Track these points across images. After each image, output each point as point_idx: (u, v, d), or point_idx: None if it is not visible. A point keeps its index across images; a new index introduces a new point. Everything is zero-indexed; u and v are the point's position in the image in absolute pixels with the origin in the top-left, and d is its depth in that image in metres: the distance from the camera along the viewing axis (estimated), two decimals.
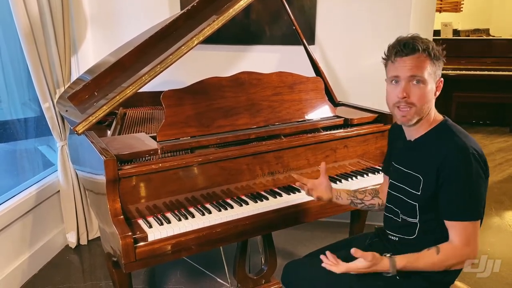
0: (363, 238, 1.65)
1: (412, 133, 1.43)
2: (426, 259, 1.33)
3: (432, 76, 1.33)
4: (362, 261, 1.30)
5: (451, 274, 1.40)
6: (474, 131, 5.59)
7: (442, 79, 1.38)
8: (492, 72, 5.29)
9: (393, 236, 1.50)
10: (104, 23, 2.95)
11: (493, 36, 5.98)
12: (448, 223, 1.32)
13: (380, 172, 2.07)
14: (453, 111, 5.46)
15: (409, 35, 1.36)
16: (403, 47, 1.31)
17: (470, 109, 5.77)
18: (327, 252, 1.39)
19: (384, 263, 1.32)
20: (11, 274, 2.37)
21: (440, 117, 1.41)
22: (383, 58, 1.41)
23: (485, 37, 5.87)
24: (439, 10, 6.15)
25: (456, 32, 6.00)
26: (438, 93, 1.38)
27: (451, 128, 1.37)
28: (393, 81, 1.36)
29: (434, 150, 1.34)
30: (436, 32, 5.67)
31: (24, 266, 2.48)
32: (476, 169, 1.28)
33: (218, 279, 2.46)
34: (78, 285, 2.47)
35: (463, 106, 5.60)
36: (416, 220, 1.40)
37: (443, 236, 1.33)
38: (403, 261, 1.32)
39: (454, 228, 1.31)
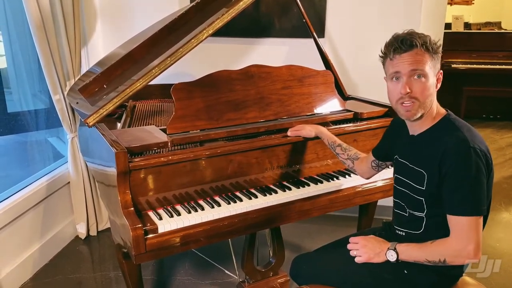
0: (371, 232, 1.65)
1: (415, 128, 1.43)
2: (423, 248, 1.35)
3: (432, 70, 1.34)
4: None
5: (459, 267, 1.40)
6: (484, 125, 5.54)
7: (441, 71, 1.38)
8: (504, 66, 5.23)
9: (400, 231, 1.50)
10: (114, 16, 2.96)
11: (505, 30, 5.89)
12: (448, 217, 1.31)
13: (390, 167, 2.06)
14: (463, 105, 5.42)
15: (405, 31, 1.35)
16: (401, 44, 1.31)
17: (480, 103, 5.71)
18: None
19: (385, 242, 1.43)
20: (22, 264, 2.41)
21: (442, 111, 1.41)
22: (380, 56, 1.40)
23: (496, 31, 5.79)
24: (450, 3, 6.07)
25: (467, 25, 5.92)
26: (439, 85, 1.38)
27: (454, 122, 1.36)
28: (394, 78, 1.36)
29: (436, 145, 1.34)
30: (447, 25, 5.60)
31: (35, 256, 2.52)
32: (476, 164, 1.26)
33: (226, 271, 2.47)
34: (88, 275, 2.50)
35: (473, 101, 5.55)
36: (423, 214, 1.40)
37: (449, 232, 1.32)
38: (404, 253, 1.37)
39: (452, 222, 1.30)
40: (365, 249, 1.44)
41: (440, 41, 1.38)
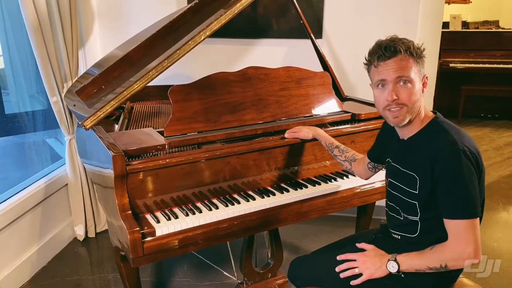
0: (368, 234, 1.65)
1: (405, 133, 1.43)
2: (424, 255, 1.34)
3: (418, 75, 1.33)
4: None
5: (455, 269, 1.39)
6: (482, 124, 5.54)
7: (427, 75, 1.38)
8: (501, 65, 5.23)
9: (396, 234, 1.50)
10: (111, 17, 2.95)
11: (503, 28, 5.91)
12: (444, 221, 1.31)
13: None
14: (461, 105, 5.43)
15: (388, 38, 1.35)
16: (385, 50, 1.31)
17: (478, 102, 5.72)
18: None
19: (384, 255, 1.43)
20: (20, 266, 2.41)
21: (430, 114, 1.40)
22: (364, 64, 1.40)
23: (494, 29, 5.80)
24: (448, 2, 6.07)
25: (465, 24, 5.94)
26: (425, 90, 1.38)
27: (442, 124, 1.36)
28: (380, 85, 1.36)
29: (426, 148, 1.34)
30: (445, 24, 5.60)
31: (33, 258, 2.51)
32: (467, 166, 1.26)
33: (225, 273, 2.47)
34: (86, 277, 2.50)
35: (472, 100, 5.56)
36: (417, 218, 1.39)
37: (445, 235, 1.32)
38: (405, 263, 1.37)
39: (448, 226, 1.30)
40: (366, 265, 1.42)
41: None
